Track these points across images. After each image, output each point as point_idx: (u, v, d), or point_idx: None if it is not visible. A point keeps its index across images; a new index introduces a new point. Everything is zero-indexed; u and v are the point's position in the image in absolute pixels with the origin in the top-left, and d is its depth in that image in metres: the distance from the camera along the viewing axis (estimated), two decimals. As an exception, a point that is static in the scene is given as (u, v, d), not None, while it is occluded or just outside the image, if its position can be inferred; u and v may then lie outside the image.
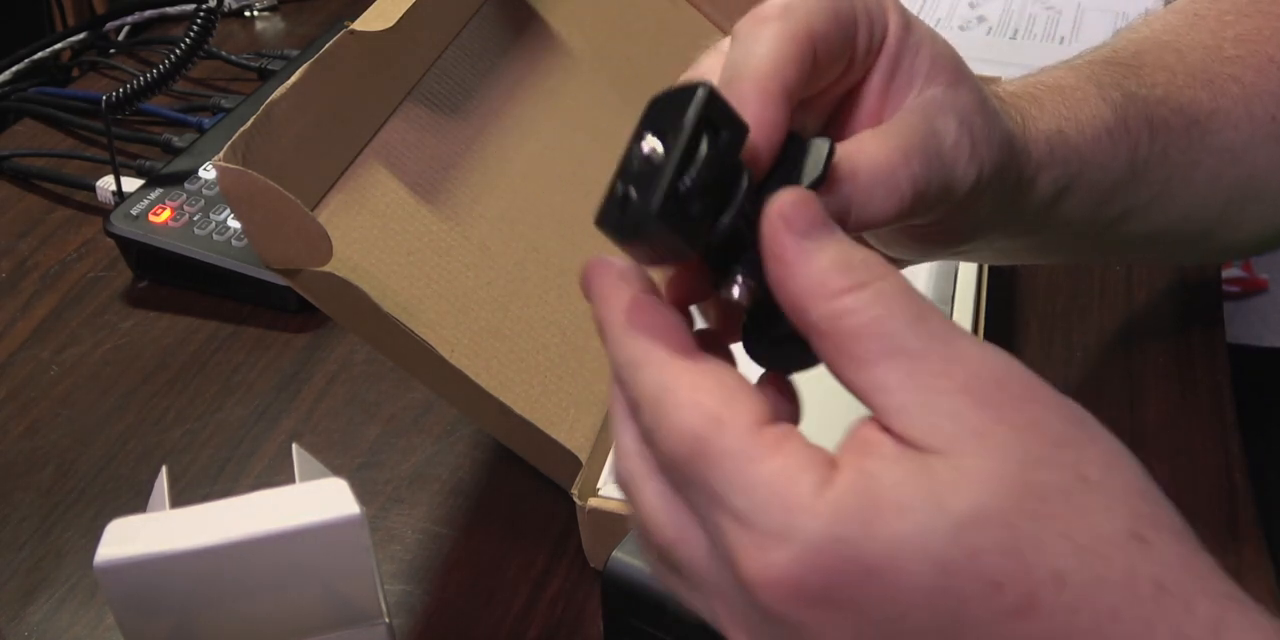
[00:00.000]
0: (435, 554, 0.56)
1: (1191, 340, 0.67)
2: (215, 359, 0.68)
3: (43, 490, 0.60)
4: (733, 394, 0.29)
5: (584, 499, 0.51)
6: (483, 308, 0.53)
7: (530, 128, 0.61)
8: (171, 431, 0.63)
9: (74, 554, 0.57)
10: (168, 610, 0.40)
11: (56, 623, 0.54)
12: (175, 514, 0.39)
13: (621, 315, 0.31)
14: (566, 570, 0.55)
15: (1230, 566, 0.54)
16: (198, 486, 0.60)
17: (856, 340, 0.29)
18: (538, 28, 0.65)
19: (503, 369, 0.52)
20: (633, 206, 0.29)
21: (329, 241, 0.45)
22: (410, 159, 0.54)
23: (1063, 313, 0.68)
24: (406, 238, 0.52)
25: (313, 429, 0.63)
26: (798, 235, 0.30)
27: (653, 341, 0.30)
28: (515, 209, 0.57)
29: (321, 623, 0.42)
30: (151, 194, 0.73)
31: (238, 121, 0.65)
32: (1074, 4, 0.98)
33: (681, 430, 0.29)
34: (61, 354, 0.68)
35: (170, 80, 0.75)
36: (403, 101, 0.56)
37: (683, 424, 0.29)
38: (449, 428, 0.63)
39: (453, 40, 0.60)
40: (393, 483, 0.60)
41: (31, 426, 0.64)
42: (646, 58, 0.71)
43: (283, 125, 0.46)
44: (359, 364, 0.67)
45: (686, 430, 0.29)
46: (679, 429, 0.29)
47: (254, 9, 1.00)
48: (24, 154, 0.83)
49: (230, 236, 0.71)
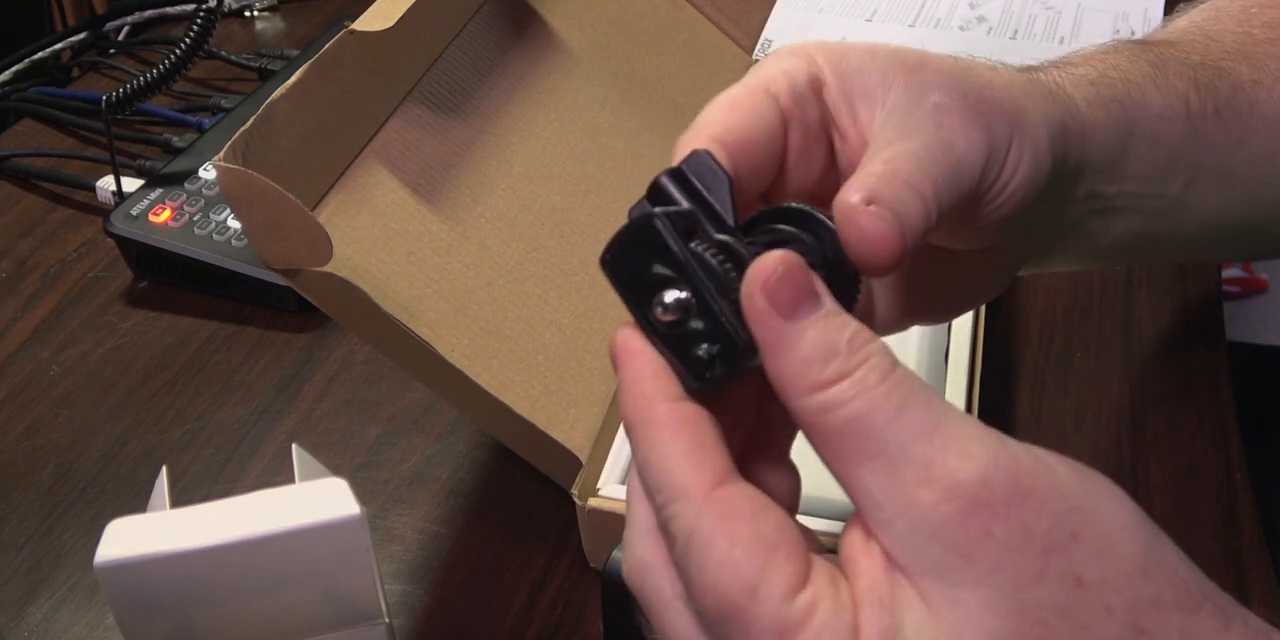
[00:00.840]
0: (435, 554, 0.56)
1: (1191, 340, 0.67)
2: (215, 359, 0.68)
3: (43, 490, 0.60)
4: (769, 555, 0.29)
5: (584, 499, 0.51)
6: (483, 308, 0.53)
7: (530, 128, 0.61)
8: (171, 431, 0.63)
9: (74, 554, 0.57)
10: (168, 610, 0.40)
11: (56, 623, 0.54)
12: (175, 514, 0.39)
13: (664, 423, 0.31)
14: (566, 570, 0.55)
15: (1230, 567, 0.54)
16: (198, 486, 0.60)
17: (840, 438, 0.28)
18: (538, 28, 0.65)
19: (503, 369, 0.52)
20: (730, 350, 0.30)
21: (329, 241, 0.45)
22: (410, 159, 0.54)
23: (1063, 313, 0.68)
24: (406, 238, 0.52)
25: (313, 429, 0.63)
26: (782, 316, 0.29)
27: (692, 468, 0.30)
28: (515, 209, 0.57)
29: (321, 623, 0.42)
30: (151, 194, 0.73)
31: (238, 121, 0.65)
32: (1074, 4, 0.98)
33: (717, 591, 0.29)
34: (61, 354, 0.68)
35: (170, 80, 0.75)
36: (403, 101, 0.56)
37: (719, 585, 0.29)
38: (449, 428, 0.63)
39: (453, 40, 0.60)
40: (393, 483, 0.60)
41: (31, 426, 0.64)
42: (646, 58, 0.71)
43: (283, 125, 0.46)
44: (359, 364, 0.67)
45: (722, 593, 0.29)
46: (715, 589, 0.29)
47: (254, 9, 1.00)
48: (24, 154, 0.83)
49: (230, 236, 0.71)
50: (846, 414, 0.28)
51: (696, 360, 0.30)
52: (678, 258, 0.30)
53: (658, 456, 0.30)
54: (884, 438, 0.28)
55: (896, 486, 0.28)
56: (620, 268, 0.31)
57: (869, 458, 0.28)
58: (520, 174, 0.59)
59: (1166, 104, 0.44)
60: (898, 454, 0.28)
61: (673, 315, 0.30)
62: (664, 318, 0.30)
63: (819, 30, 0.96)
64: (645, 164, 0.64)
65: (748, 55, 0.78)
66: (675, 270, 0.30)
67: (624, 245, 0.31)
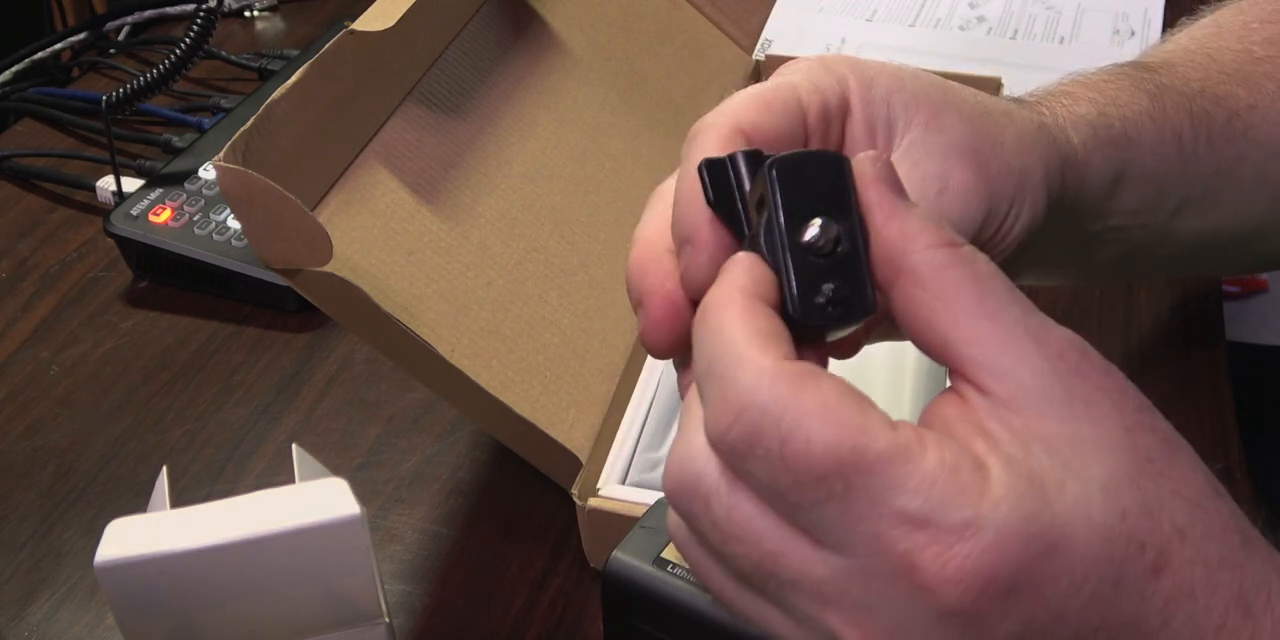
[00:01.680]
0: (435, 554, 0.56)
1: (1191, 340, 0.67)
2: (215, 359, 0.68)
3: (43, 490, 0.60)
4: (863, 403, 0.29)
5: (584, 499, 0.51)
6: (483, 308, 0.53)
7: (530, 128, 0.61)
8: (171, 431, 0.63)
9: (74, 554, 0.57)
10: (168, 610, 0.40)
11: (56, 623, 0.54)
12: (175, 514, 0.39)
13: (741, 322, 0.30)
14: (566, 570, 0.55)
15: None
16: (198, 486, 0.60)
17: (959, 291, 0.29)
18: (538, 28, 0.65)
19: (503, 369, 0.52)
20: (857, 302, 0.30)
21: (329, 241, 0.45)
22: (410, 159, 0.54)
23: (1063, 313, 0.68)
24: (406, 238, 0.52)
25: (313, 429, 0.63)
26: (894, 188, 0.30)
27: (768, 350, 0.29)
28: (515, 209, 0.57)
29: (321, 623, 0.42)
30: (151, 194, 0.73)
31: (238, 121, 0.65)
32: (1074, 4, 0.98)
33: (824, 441, 0.28)
34: (61, 354, 0.68)
35: (170, 80, 0.75)
36: (403, 101, 0.56)
37: (824, 434, 0.28)
38: (449, 428, 0.63)
39: (453, 40, 0.60)
40: (393, 483, 0.60)
41: (31, 426, 0.64)
42: (646, 58, 0.71)
43: (283, 125, 0.46)
44: (359, 364, 0.67)
45: (829, 441, 0.28)
46: (820, 440, 0.28)
47: (254, 9, 1.00)
48: (24, 154, 0.83)
49: (230, 236, 0.71)
50: (971, 271, 0.29)
51: (814, 293, 0.30)
52: (851, 198, 0.30)
53: (730, 329, 0.30)
54: (1006, 297, 0.29)
55: (1021, 337, 0.29)
56: (786, 180, 0.31)
57: (991, 311, 0.29)
58: (520, 174, 0.59)
59: (1160, 139, 0.45)
60: (1016, 310, 0.29)
61: (820, 241, 0.30)
62: (811, 241, 0.30)
63: (819, 30, 0.96)
64: (645, 164, 0.65)
65: (748, 55, 0.79)
66: (840, 209, 0.30)
67: (803, 163, 0.31)
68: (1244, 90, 0.48)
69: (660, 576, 0.40)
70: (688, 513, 0.31)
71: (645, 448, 0.55)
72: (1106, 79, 0.46)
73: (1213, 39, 0.51)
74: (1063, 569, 0.27)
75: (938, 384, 0.58)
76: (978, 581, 0.27)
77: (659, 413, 0.57)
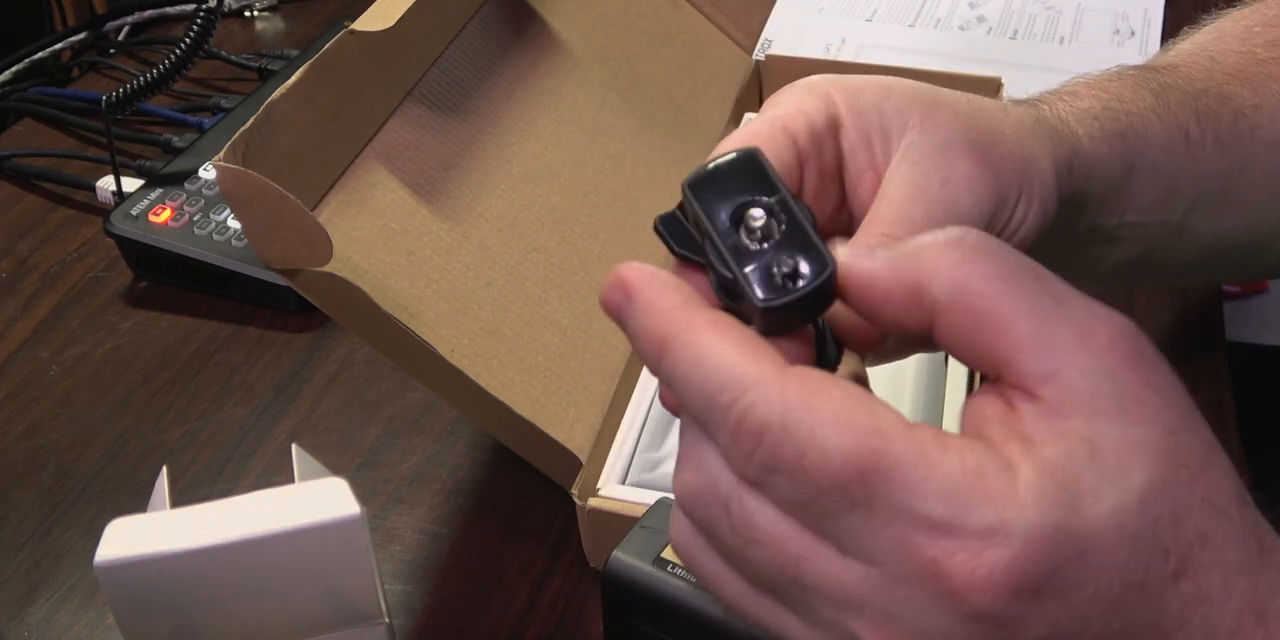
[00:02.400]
0: (435, 554, 0.56)
1: (1191, 340, 0.67)
2: (215, 359, 0.68)
3: (43, 490, 0.60)
4: (875, 406, 0.28)
5: (584, 499, 0.51)
6: (483, 308, 0.53)
7: (530, 128, 0.61)
8: (171, 431, 0.63)
9: (74, 554, 0.57)
10: (168, 610, 0.40)
11: (56, 623, 0.54)
12: (175, 514, 0.39)
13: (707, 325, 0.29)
14: (566, 570, 0.55)
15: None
16: (198, 486, 0.60)
17: (987, 301, 0.28)
18: (538, 28, 0.65)
19: (503, 369, 0.52)
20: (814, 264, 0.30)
21: (329, 241, 0.45)
22: (410, 159, 0.54)
23: (1063, 313, 0.68)
24: (406, 238, 0.52)
25: (313, 429, 0.63)
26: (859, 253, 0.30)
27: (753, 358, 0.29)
28: (515, 209, 0.57)
29: (321, 623, 0.42)
30: (151, 194, 0.73)
31: (238, 121, 0.65)
32: (1074, 4, 0.98)
33: (841, 448, 0.27)
34: (61, 354, 0.68)
35: (170, 80, 0.75)
36: (403, 101, 0.56)
37: (841, 442, 0.27)
38: (449, 428, 0.63)
39: (453, 40, 0.60)
40: (393, 483, 0.60)
41: (31, 426, 0.64)
42: (646, 58, 0.71)
43: (283, 125, 0.46)
44: (359, 364, 0.67)
45: (846, 448, 0.27)
46: (837, 448, 0.27)
47: (254, 9, 1.00)
48: (24, 154, 0.83)
49: (230, 236, 0.71)
50: (995, 269, 0.29)
51: (770, 276, 0.30)
52: (775, 183, 0.31)
53: (713, 356, 0.29)
54: (1028, 287, 0.29)
55: (1065, 334, 0.28)
56: (700, 189, 0.32)
57: (1027, 310, 0.28)
58: (520, 174, 0.59)
59: (1168, 135, 0.45)
60: (1054, 307, 0.28)
61: (759, 229, 0.31)
62: (752, 232, 0.31)
63: (819, 30, 0.96)
64: (645, 164, 0.65)
65: (748, 55, 0.78)
66: (766, 188, 0.31)
67: (714, 170, 0.32)
68: (1248, 91, 0.48)
69: (660, 576, 0.40)
70: (704, 518, 0.30)
71: (645, 448, 0.55)
72: (1109, 78, 0.46)
73: (1215, 43, 0.51)
74: (1091, 575, 0.27)
75: (938, 384, 0.58)
76: (1007, 587, 0.27)
77: (659, 412, 0.57)
